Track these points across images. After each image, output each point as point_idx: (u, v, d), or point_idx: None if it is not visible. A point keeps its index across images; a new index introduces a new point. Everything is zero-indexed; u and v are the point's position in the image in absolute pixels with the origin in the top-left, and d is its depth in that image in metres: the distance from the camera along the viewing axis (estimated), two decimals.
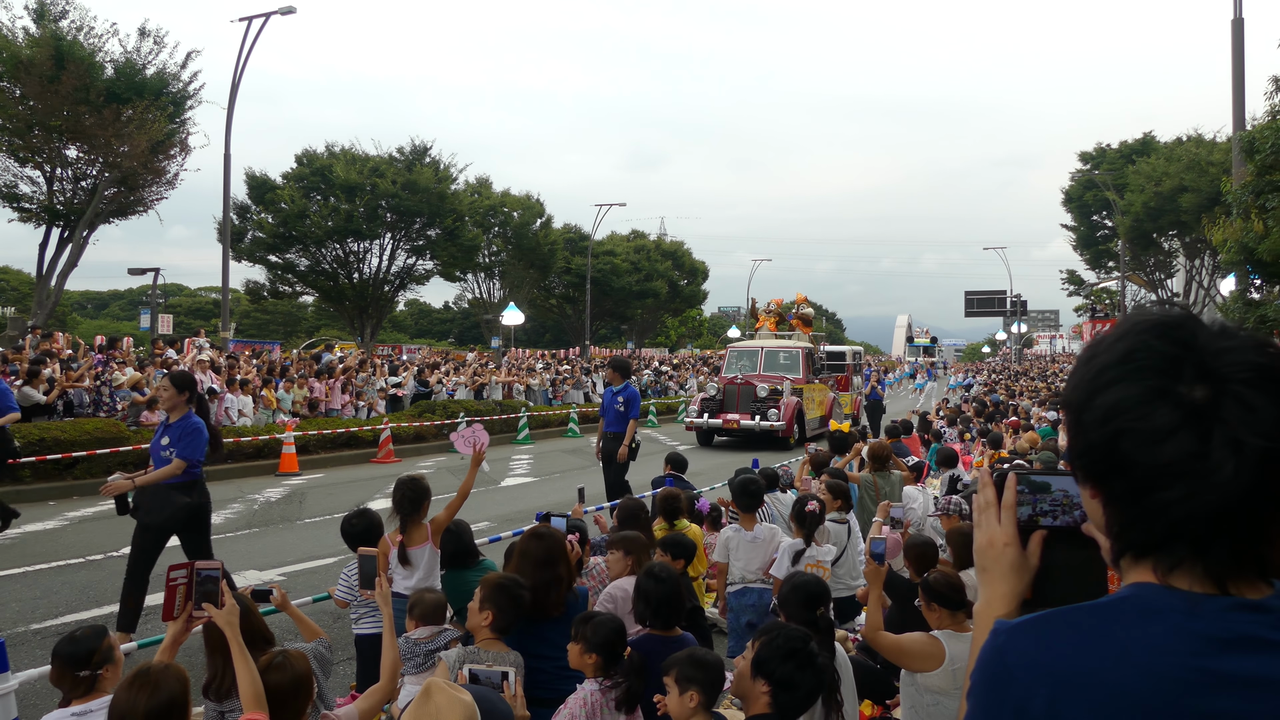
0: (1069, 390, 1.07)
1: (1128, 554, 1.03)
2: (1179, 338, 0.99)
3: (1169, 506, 0.96)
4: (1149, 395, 0.97)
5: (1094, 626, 0.98)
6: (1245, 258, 14.39)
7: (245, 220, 36.51)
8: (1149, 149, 47.75)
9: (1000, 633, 1.03)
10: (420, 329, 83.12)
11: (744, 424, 19.74)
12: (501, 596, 3.71)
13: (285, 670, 2.90)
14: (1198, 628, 0.95)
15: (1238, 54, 16.71)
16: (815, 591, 3.68)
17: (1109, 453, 0.99)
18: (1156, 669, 0.93)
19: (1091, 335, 29.40)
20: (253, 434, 15.10)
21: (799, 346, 22.47)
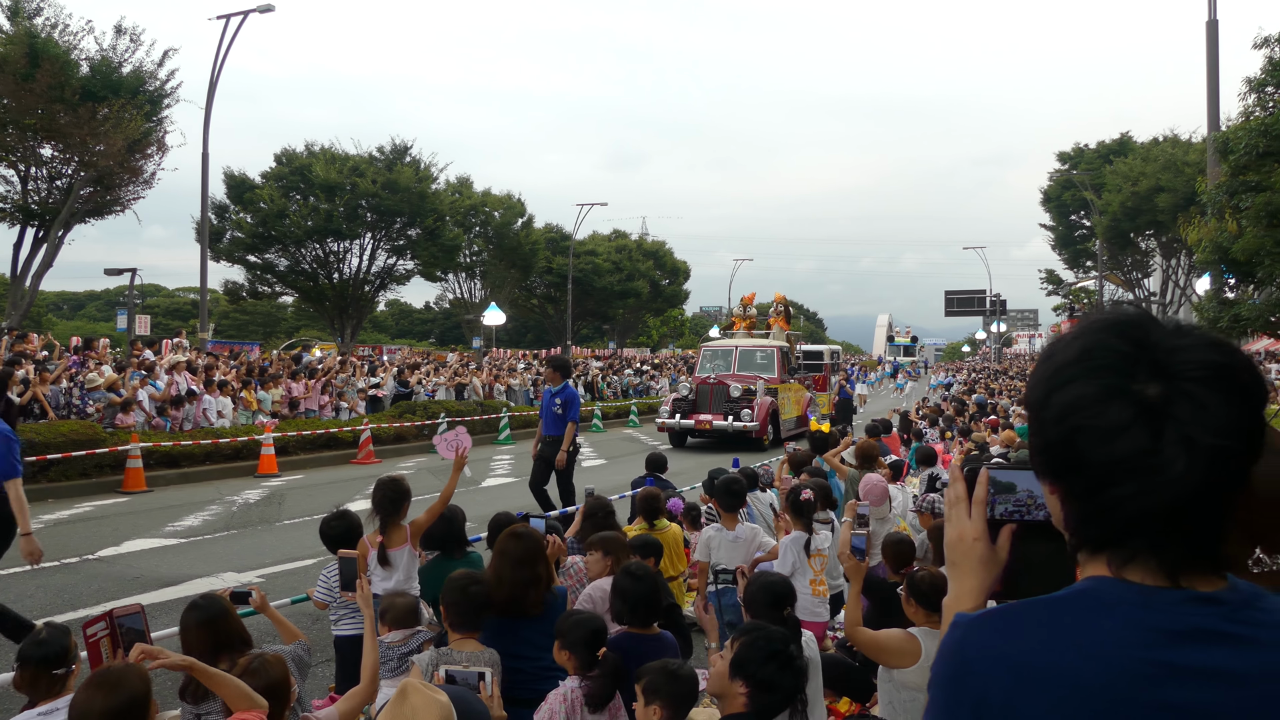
0: (1029, 389, 1.09)
1: (1085, 548, 1.05)
2: (1134, 336, 1.01)
3: (1123, 502, 0.97)
4: (1103, 393, 0.98)
5: (1050, 619, 1.00)
6: (1220, 257, 14.56)
7: (224, 220, 36.25)
8: (1126, 149, 48.22)
9: (960, 626, 1.05)
10: (401, 329, 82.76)
11: (716, 424, 19.34)
12: (450, 593, 3.71)
13: (261, 675, 2.88)
14: (1151, 620, 0.97)
15: (1212, 56, 16.90)
16: (781, 591, 3.72)
17: (1066, 449, 1.01)
18: (1110, 661, 0.95)
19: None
20: (231, 435, 15.01)
21: (774, 346, 22.11)
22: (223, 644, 3.44)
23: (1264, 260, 13.58)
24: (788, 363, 22.51)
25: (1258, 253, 13.48)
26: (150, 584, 7.80)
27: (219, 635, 3.43)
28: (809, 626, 4.76)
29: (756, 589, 3.76)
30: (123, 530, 10.09)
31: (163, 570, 8.30)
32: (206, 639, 3.38)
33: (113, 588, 7.65)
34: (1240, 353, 1.01)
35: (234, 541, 9.68)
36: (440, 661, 3.52)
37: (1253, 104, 14.00)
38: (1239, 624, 0.98)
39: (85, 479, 12.62)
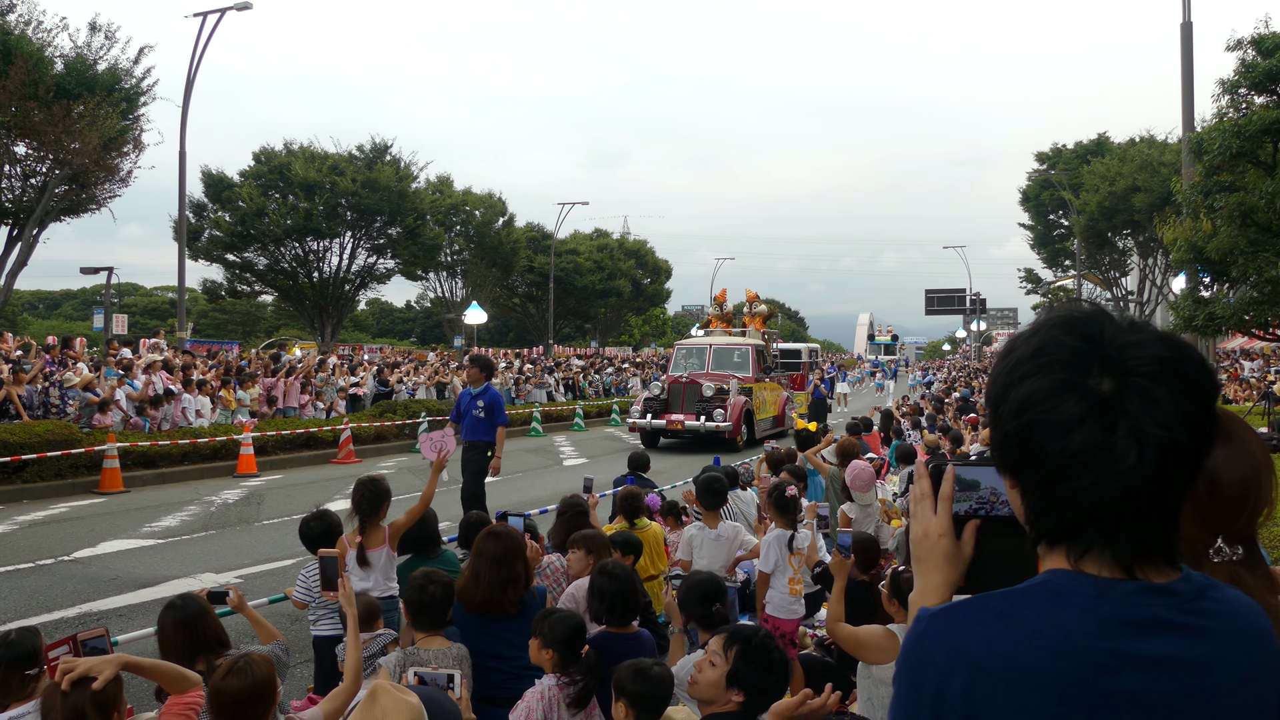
0: (989, 385, 1.11)
1: (1043, 541, 1.07)
2: (1088, 332, 1.03)
3: (1077, 495, 1.00)
4: (1058, 388, 1.01)
5: (1008, 611, 1.02)
6: (1195, 257, 14.70)
7: (202, 219, 35.96)
8: (1103, 149, 48.61)
9: (922, 619, 1.07)
10: (382, 328, 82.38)
11: (688, 425, 18.81)
12: (409, 593, 3.72)
13: (247, 674, 2.86)
14: (1105, 611, 0.99)
15: (1187, 57, 17.06)
16: (711, 589, 3.81)
17: (1022, 444, 1.03)
18: (1065, 650, 0.97)
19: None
20: (210, 435, 14.89)
21: (749, 344, 21.69)
22: (199, 644, 3.43)
23: (1238, 259, 13.73)
24: (763, 361, 22.11)
25: (1231, 252, 13.63)
26: (127, 585, 7.74)
27: (196, 635, 3.42)
28: (782, 623, 4.79)
29: (686, 590, 3.84)
30: (99, 531, 10.00)
31: (140, 571, 8.24)
32: (183, 639, 3.37)
33: (89, 589, 7.59)
34: (1189, 348, 1.04)
35: (212, 542, 9.62)
36: (408, 662, 3.52)
37: (1226, 105, 14.16)
38: (1191, 614, 1.01)
39: (61, 480, 12.50)
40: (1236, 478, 1.40)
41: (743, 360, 21.08)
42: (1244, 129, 12.93)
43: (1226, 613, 1.03)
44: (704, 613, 3.73)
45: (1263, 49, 13.34)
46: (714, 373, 20.39)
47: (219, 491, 12.90)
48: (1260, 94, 13.59)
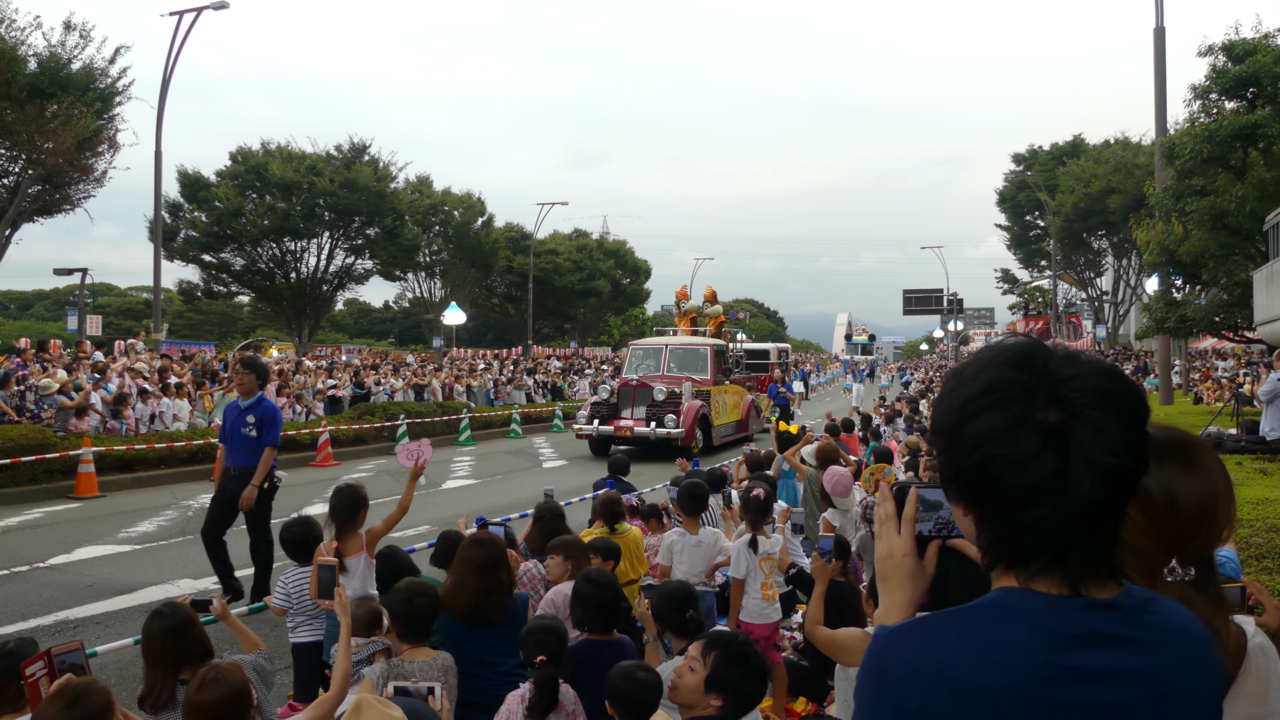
0: (938, 418, 1.15)
1: (998, 566, 1.12)
2: (1033, 368, 1.09)
3: (1040, 521, 1.06)
4: (1011, 422, 1.06)
5: (961, 628, 1.07)
6: (1167, 259, 14.93)
7: (178, 219, 35.68)
8: (1079, 151, 49.10)
9: (880, 637, 1.12)
10: (360, 328, 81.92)
11: (638, 431, 17.45)
12: (394, 605, 3.73)
13: (219, 685, 2.86)
14: (1053, 626, 1.04)
15: (1160, 62, 17.29)
16: (683, 597, 3.86)
17: (980, 476, 1.08)
18: (1016, 665, 1.02)
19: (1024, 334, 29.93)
20: (187, 438, 14.78)
21: (707, 344, 20.42)
22: (185, 654, 3.43)
23: (1208, 262, 13.96)
24: (723, 362, 20.83)
25: (1202, 255, 13.85)
26: (103, 592, 7.69)
27: (183, 644, 3.42)
28: (755, 628, 4.82)
29: (659, 599, 3.88)
30: (75, 537, 9.92)
31: (116, 578, 8.18)
32: (171, 648, 3.36)
33: (65, 596, 7.53)
34: (1125, 377, 1.11)
35: (190, 547, 9.54)
36: (391, 674, 3.53)
37: (1197, 110, 14.38)
38: (1134, 627, 1.07)
39: (35, 485, 12.37)
40: (1194, 503, 1.46)
41: (700, 361, 19.86)
42: (1215, 134, 13.14)
43: (1167, 625, 1.09)
44: (678, 620, 3.77)
45: (1233, 55, 13.55)
46: (669, 375, 19.27)
47: (197, 495, 12.80)
48: (1231, 99, 13.81)
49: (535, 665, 3.35)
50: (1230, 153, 13.46)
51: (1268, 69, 12.75)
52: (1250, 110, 13.12)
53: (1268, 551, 4.79)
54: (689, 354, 20.07)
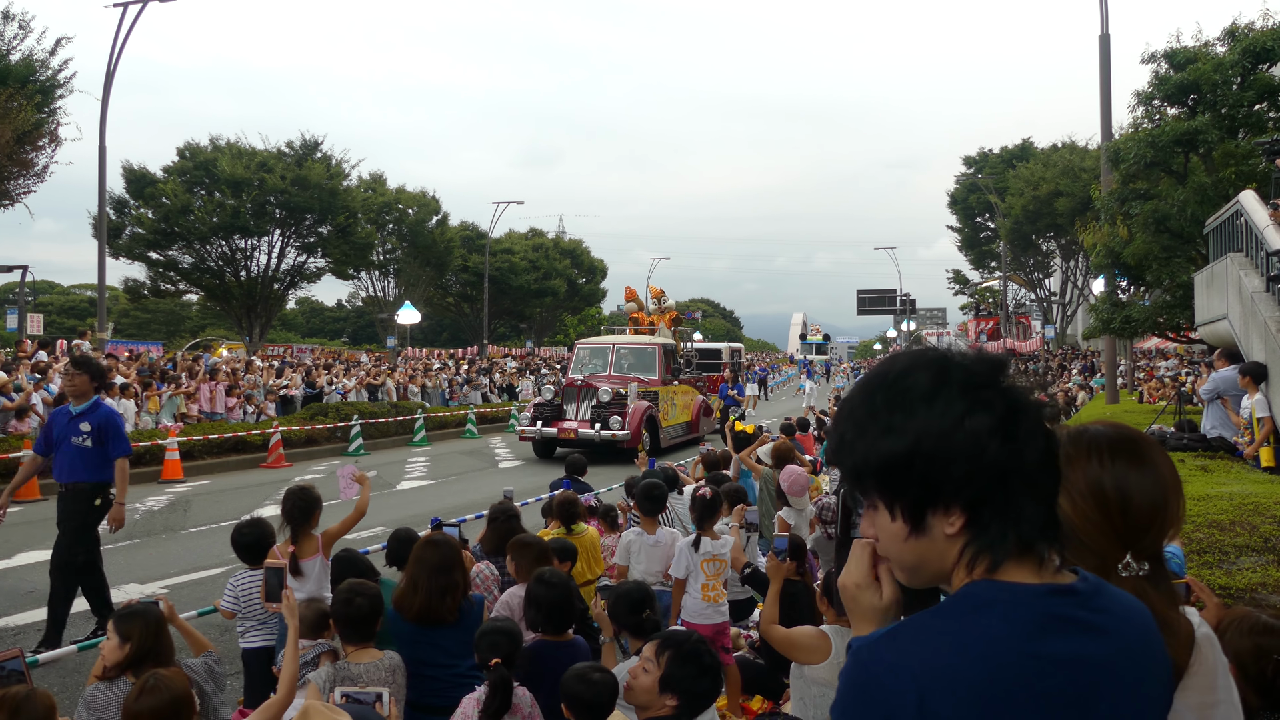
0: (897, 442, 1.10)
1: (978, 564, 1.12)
2: (950, 366, 1.13)
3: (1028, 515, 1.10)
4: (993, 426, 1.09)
5: (940, 626, 1.08)
6: (1113, 261, 15.26)
7: (123, 215, 34.91)
8: (1027, 154, 50.00)
9: (861, 649, 1.11)
10: (312, 328, 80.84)
11: (582, 433, 17.03)
12: (335, 606, 3.71)
13: (160, 692, 2.81)
14: (1023, 614, 1.07)
15: (1105, 68, 17.67)
16: (639, 597, 3.88)
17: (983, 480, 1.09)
18: (995, 656, 1.04)
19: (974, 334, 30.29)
20: (133, 440, 14.41)
21: (656, 344, 19.94)
22: (149, 655, 3.38)
23: (1151, 265, 14.30)
24: (672, 362, 20.33)
25: (1146, 257, 14.18)
26: (45, 598, 7.47)
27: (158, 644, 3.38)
28: (699, 628, 4.84)
29: (615, 599, 3.89)
30: (15, 541, 9.66)
31: None
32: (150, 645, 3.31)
33: (5, 602, 7.35)
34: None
35: (137, 551, 9.36)
36: (337, 677, 3.49)
37: (1141, 116, 14.73)
38: (1093, 611, 1.10)
39: None
40: (1147, 500, 1.49)
41: (648, 361, 19.42)
42: (1158, 139, 13.46)
43: (1120, 611, 1.14)
44: (634, 621, 3.79)
45: (1175, 62, 13.90)
46: (616, 375, 18.80)
47: (143, 498, 12.53)
48: (1173, 105, 14.17)
49: (489, 668, 3.33)
50: (1172, 158, 13.80)
51: (1207, 77, 13.10)
52: (1191, 117, 13.47)
53: (1209, 547, 4.93)
54: (637, 354, 19.64)
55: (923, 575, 1.17)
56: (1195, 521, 5.37)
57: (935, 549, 1.13)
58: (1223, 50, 13.57)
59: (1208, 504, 5.75)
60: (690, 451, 17.05)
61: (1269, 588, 4.36)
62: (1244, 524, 5.24)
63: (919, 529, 1.12)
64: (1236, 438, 8.41)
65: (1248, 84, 13.07)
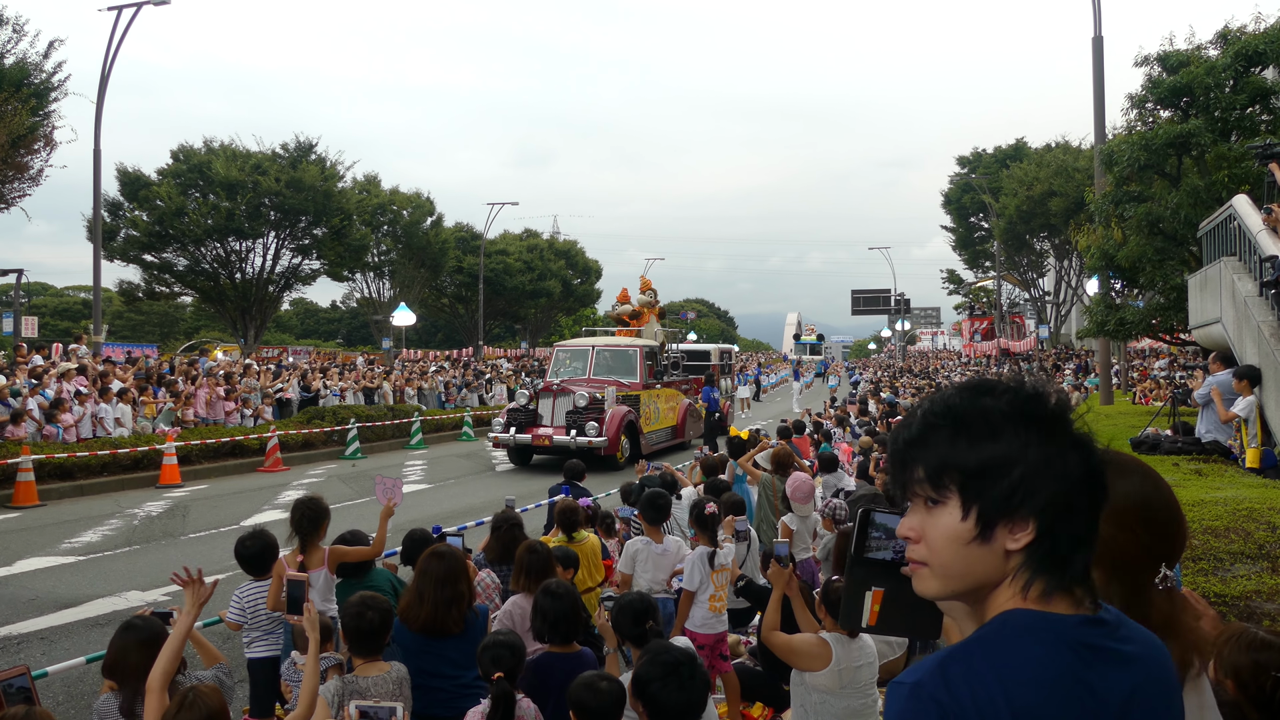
0: (982, 452, 1.17)
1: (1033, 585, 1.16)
2: (1026, 397, 1.19)
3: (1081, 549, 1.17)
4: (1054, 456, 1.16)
5: (985, 655, 1.12)
6: (1107, 263, 15.32)
7: (117, 218, 34.83)
8: (1021, 154, 50.12)
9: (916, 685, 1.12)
10: (306, 329, 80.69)
11: (557, 440, 16.24)
12: (346, 620, 3.73)
13: (198, 708, 2.85)
14: (1067, 644, 1.13)
15: (1098, 70, 17.75)
16: (641, 608, 3.89)
17: (1064, 503, 1.16)
18: (1043, 681, 1.10)
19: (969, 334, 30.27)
20: (130, 445, 14.46)
21: (637, 345, 19.00)
22: (116, 668, 3.41)
23: (1145, 267, 14.37)
24: (656, 364, 19.34)
25: (1140, 260, 14.25)
26: (47, 606, 7.51)
27: (156, 657, 3.39)
28: (700, 637, 4.89)
29: (619, 610, 3.91)
30: (15, 548, 9.66)
31: (60, 591, 7.99)
32: (144, 660, 3.33)
33: (6, 611, 7.34)
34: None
35: (136, 558, 9.36)
36: (347, 690, 3.52)
37: (1134, 119, 14.81)
38: (1121, 641, 1.16)
39: None
40: (1164, 509, 1.56)
41: (629, 364, 18.46)
42: (1151, 142, 13.53)
43: (1142, 640, 1.20)
44: (637, 632, 3.80)
45: (1168, 66, 13.97)
46: (595, 379, 18.01)
47: (141, 504, 12.54)
48: (1166, 108, 14.23)
49: (492, 681, 3.37)
50: (1165, 160, 13.87)
51: (1200, 80, 13.17)
52: (1184, 120, 13.53)
53: (1204, 554, 4.98)
54: (617, 356, 18.73)
55: (962, 582, 1.19)
56: (1190, 528, 5.43)
57: (990, 559, 1.16)
58: (1215, 53, 13.64)
59: (1202, 510, 5.80)
60: (676, 457, 16.99)
61: (1263, 595, 4.42)
62: (1238, 530, 5.29)
63: (986, 535, 1.15)
64: (1230, 440, 8.47)
65: (1240, 87, 13.14)
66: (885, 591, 1.44)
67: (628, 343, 19.40)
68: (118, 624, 3.64)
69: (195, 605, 3.52)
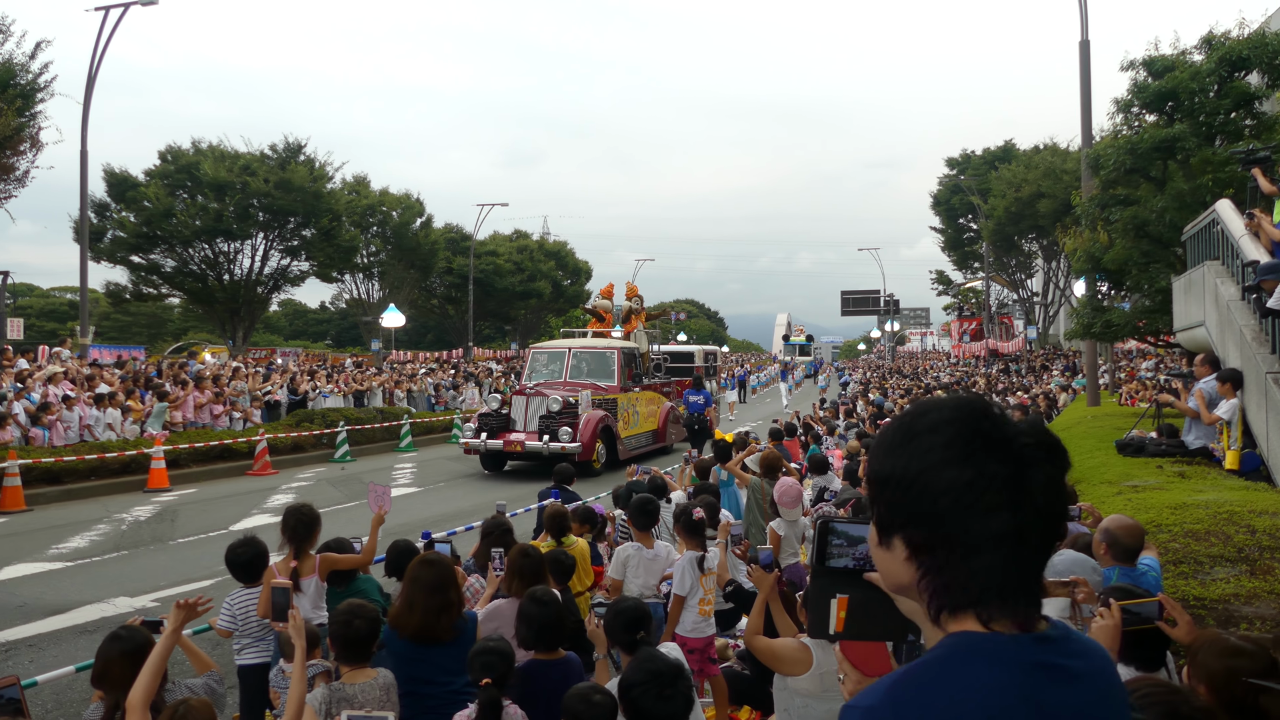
0: (887, 468, 1.21)
1: (945, 610, 1.19)
2: (982, 427, 1.18)
3: (991, 570, 1.15)
4: (974, 477, 1.15)
5: (935, 678, 1.14)
6: (1093, 266, 15.41)
7: (105, 219, 34.73)
8: (1010, 156, 50.35)
9: (865, 710, 1.15)
10: (295, 330, 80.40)
11: (529, 445, 15.66)
12: (334, 628, 3.74)
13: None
14: (1015, 664, 1.13)
15: (1085, 74, 17.85)
16: (634, 617, 3.90)
17: (936, 526, 1.16)
18: (993, 704, 1.11)
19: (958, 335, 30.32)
20: (119, 449, 14.40)
21: (614, 347, 18.35)
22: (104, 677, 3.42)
23: (1131, 270, 14.46)
24: (635, 367, 18.75)
25: (1126, 263, 14.34)
26: (35, 613, 7.49)
27: (115, 669, 3.41)
28: (691, 641, 4.93)
29: (613, 616, 3.94)
30: (2, 554, 9.62)
31: (49, 597, 7.97)
32: (130, 671, 3.34)
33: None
34: (1051, 433, 1.22)
35: (125, 563, 9.35)
36: (334, 699, 3.54)
37: (1120, 123, 14.88)
38: (1069, 656, 1.18)
39: None
40: None
41: (607, 366, 17.81)
42: (1137, 146, 13.62)
43: (1089, 654, 1.21)
44: (628, 639, 3.83)
45: (1153, 70, 14.06)
46: (571, 381, 17.44)
47: (130, 508, 12.51)
48: (1151, 113, 14.31)
49: (481, 687, 3.40)
50: (1151, 164, 13.95)
51: (1185, 85, 13.26)
52: (1169, 124, 13.62)
53: (1184, 557, 5.04)
54: (595, 358, 18.08)
55: (888, 581, 1.26)
56: (1171, 531, 5.49)
57: (895, 565, 1.22)
58: (1200, 59, 13.74)
59: (1184, 513, 5.86)
60: (659, 462, 16.93)
61: (1242, 598, 4.48)
62: (1219, 533, 5.35)
63: (885, 541, 1.23)
64: (1214, 444, 8.55)
65: (1224, 92, 13.23)
66: (850, 598, 1.47)
67: (605, 344, 18.76)
68: (107, 630, 3.66)
69: (178, 627, 3.54)
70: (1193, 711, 2.19)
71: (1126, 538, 4.05)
